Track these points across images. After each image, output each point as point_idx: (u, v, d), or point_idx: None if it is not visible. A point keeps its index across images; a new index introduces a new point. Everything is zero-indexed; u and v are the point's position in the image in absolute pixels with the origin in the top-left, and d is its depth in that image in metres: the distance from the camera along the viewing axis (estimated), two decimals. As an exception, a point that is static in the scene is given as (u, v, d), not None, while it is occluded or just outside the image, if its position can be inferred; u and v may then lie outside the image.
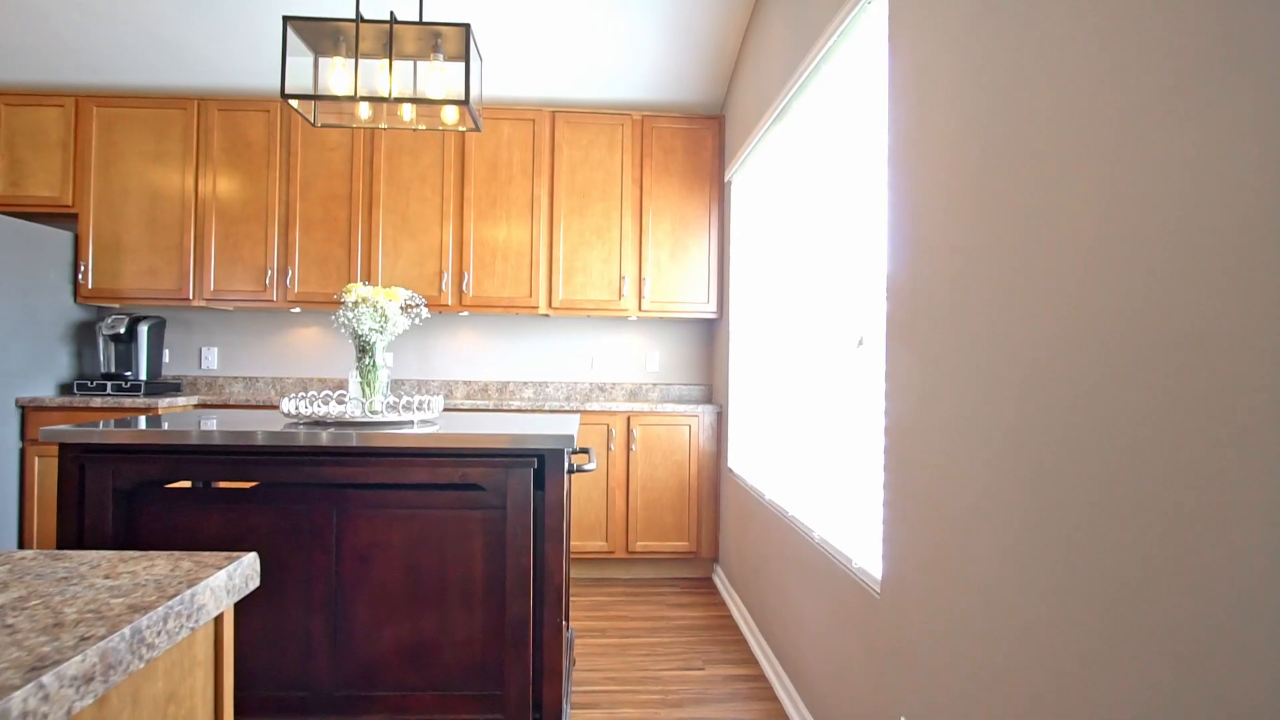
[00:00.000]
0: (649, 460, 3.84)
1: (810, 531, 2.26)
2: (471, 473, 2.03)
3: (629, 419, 3.82)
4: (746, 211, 3.58)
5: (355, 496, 2.10)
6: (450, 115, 2.60)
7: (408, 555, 2.10)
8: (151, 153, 3.84)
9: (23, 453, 3.45)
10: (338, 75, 2.37)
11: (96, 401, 3.47)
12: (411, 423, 2.28)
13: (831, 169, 2.27)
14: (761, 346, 3.20)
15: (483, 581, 2.11)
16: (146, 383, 3.73)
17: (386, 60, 2.31)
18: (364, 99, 2.28)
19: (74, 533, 2.00)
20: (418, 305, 2.41)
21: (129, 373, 3.75)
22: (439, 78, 2.45)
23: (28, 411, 3.45)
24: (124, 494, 2.03)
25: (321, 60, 2.44)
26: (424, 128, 2.64)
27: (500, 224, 3.97)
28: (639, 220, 4.03)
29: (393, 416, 2.26)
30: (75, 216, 3.84)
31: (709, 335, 4.39)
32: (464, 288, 3.94)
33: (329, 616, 2.08)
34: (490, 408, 3.78)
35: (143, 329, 3.77)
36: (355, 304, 2.29)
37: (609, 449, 3.81)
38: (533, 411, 3.74)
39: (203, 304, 3.88)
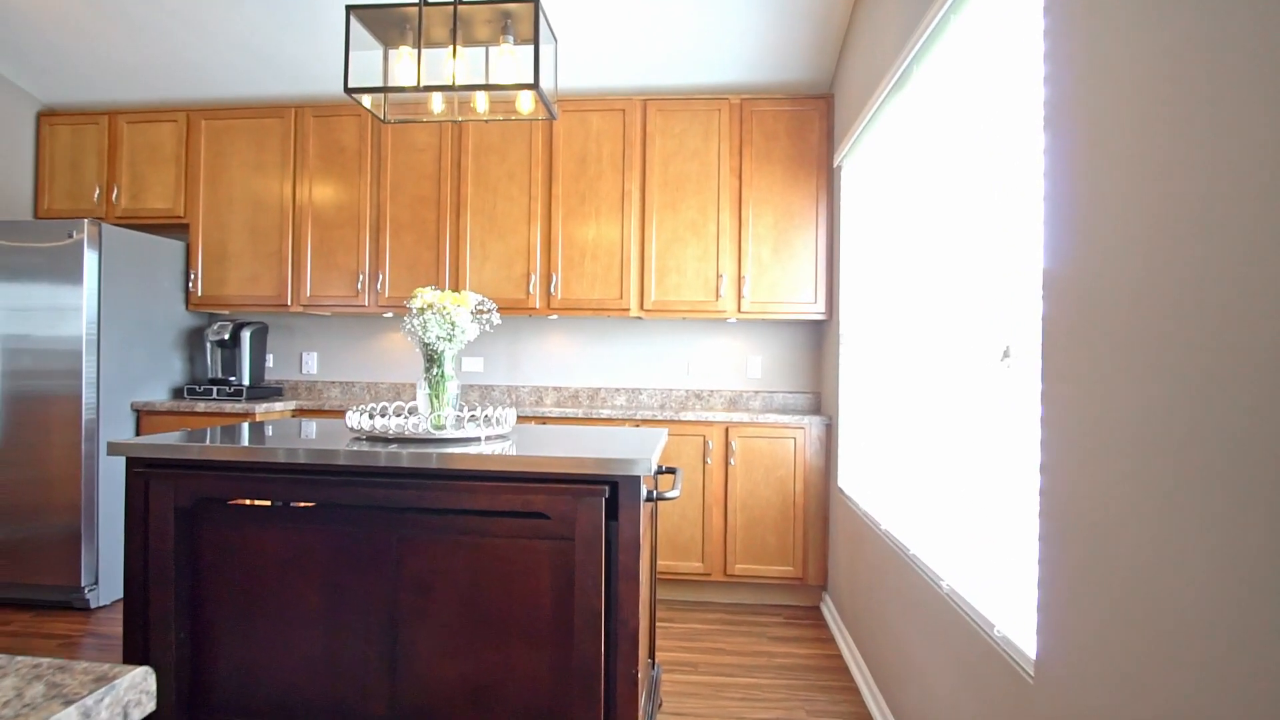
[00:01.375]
0: (749, 475, 3.51)
1: (938, 580, 1.87)
2: (535, 500, 1.80)
3: (727, 430, 3.50)
4: (859, 199, 3.17)
5: (415, 520, 1.92)
6: (525, 104, 2.40)
7: (470, 585, 1.90)
8: (253, 162, 3.92)
9: (138, 455, 3.59)
10: (404, 66, 2.22)
11: (200, 406, 3.56)
12: (479, 439, 2.08)
13: (963, 144, 1.87)
14: (878, 352, 2.80)
15: (550, 619, 1.88)
16: (248, 388, 3.80)
17: (452, 47, 2.13)
18: (428, 89, 2.10)
19: (139, 550, 1.95)
20: (489, 310, 2.22)
21: (233, 378, 3.84)
22: (510, 62, 2.25)
23: (141, 415, 3.58)
24: (185, 511, 1.95)
25: (390, 53, 2.31)
26: (500, 118, 2.45)
27: (589, 222, 3.75)
28: (738, 213, 3.69)
29: (459, 433, 2.07)
30: (187, 227, 3.98)
31: (816, 339, 3.99)
32: (552, 290, 3.75)
33: (386, 646, 1.92)
34: (580, 416, 3.57)
35: (245, 335, 3.85)
36: (421, 310, 2.12)
37: (705, 462, 3.51)
38: (622, 422, 3.50)
39: (300, 309, 3.92)
